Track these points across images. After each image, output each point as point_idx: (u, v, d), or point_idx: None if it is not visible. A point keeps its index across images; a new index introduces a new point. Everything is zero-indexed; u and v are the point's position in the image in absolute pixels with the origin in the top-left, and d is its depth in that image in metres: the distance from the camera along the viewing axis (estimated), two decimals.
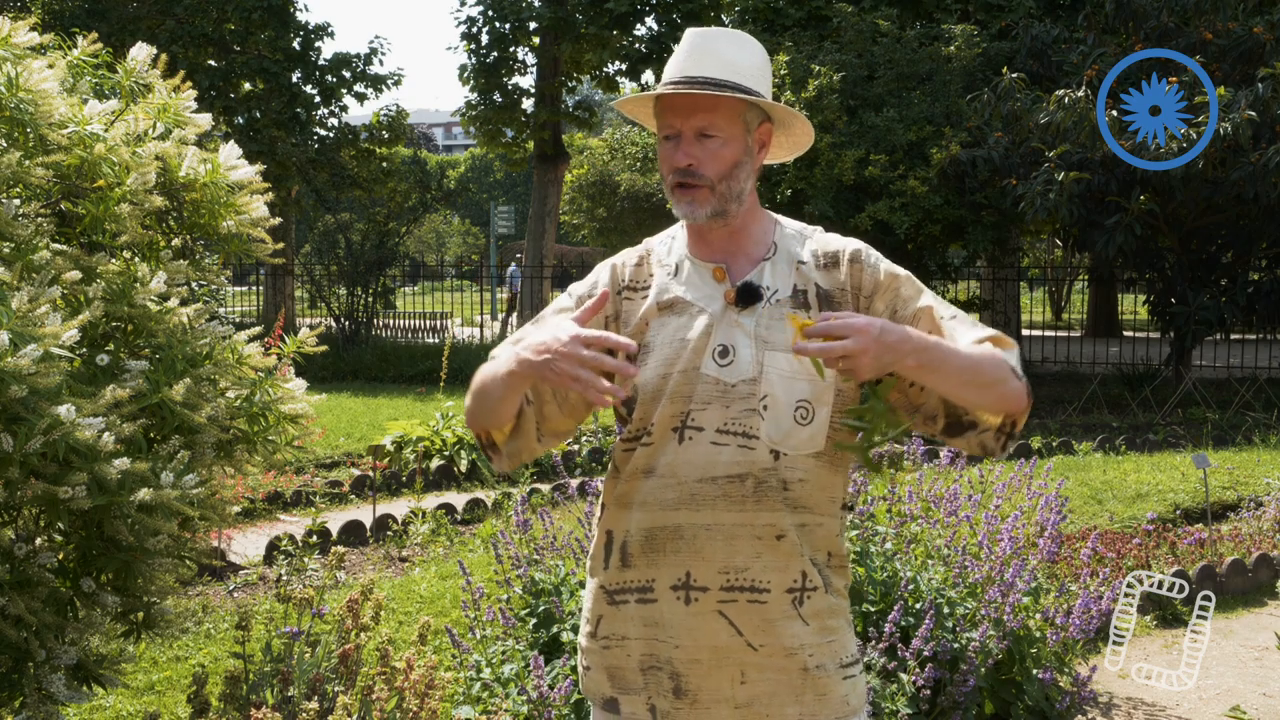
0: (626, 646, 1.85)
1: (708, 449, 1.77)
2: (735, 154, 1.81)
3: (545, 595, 3.81)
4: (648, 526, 1.81)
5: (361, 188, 18.58)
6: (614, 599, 1.86)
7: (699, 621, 1.78)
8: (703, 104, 1.78)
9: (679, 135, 1.80)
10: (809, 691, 1.80)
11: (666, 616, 1.80)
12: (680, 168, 1.79)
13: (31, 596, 2.20)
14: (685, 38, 1.85)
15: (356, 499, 7.75)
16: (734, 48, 1.81)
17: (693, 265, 1.87)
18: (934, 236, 13.56)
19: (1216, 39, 11.76)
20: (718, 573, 1.77)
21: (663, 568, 1.80)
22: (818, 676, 1.81)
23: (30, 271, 2.12)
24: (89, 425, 1.96)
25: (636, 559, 1.83)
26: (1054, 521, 4.23)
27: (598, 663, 1.90)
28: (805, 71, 13.33)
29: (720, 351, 1.79)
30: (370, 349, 15.92)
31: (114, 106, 2.41)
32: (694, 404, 1.78)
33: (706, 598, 1.78)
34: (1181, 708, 4.29)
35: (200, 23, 17.21)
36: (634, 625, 1.84)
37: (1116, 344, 18.07)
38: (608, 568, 1.88)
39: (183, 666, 4.44)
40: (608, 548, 1.88)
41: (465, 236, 45.48)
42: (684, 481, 1.78)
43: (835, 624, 1.84)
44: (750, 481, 1.77)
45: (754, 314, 1.81)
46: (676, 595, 1.79)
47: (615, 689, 1.87)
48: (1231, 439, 9.61)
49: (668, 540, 1.79)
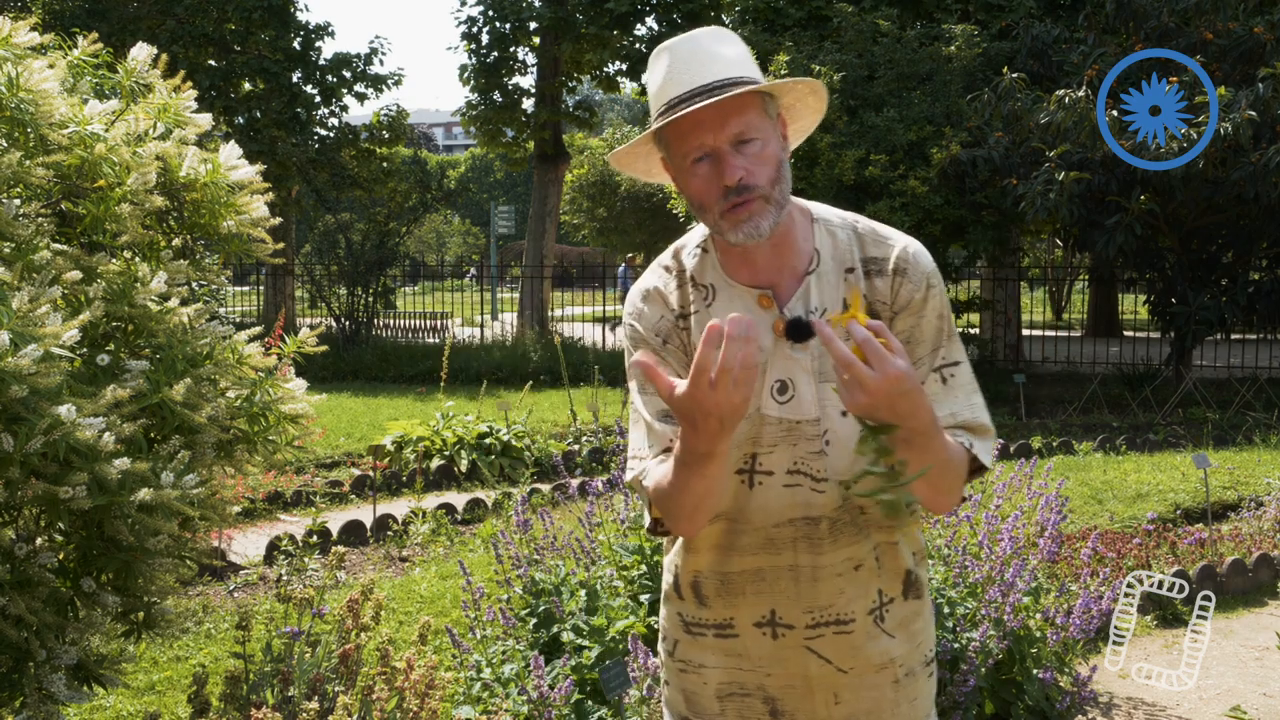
0: (704, 675, 1.79)
1: (780, 493, 1.67)
2: (777, 151, 1.63)
3: (545, 595, 3.81)
4: (723, 571, 1.73)
5: (362, 188, 18.59)
6: (690, 630, 1.80)
7: (788, 654, 1.73)
8: (733, 108, 1.58)
9: (714, 153, 1.59)
10: (903, 701, 1.77)
11: (752, 650, 1.74)
12: (733, 185, 1.58)
13: (32, 596, 2.20)
14: (663, 53, 1.65)
15: (357, 499, 7.75)
16: (722, 44, 1.64)
17: (731, 289, 1.70)
18: (934, 236, 13.56)
19: (1217, 39, 11.77)
20: (803, 612, 1.71)
21: (743, 608, 1.73)
22: (908, 685, 1.77)
23: (31, 271, 2.12)
24: (89, 425, 1.96)
25: (712, 600, 1.75)
26: (1054, 521, 4.23)
27: (675, 683, 1.84)
28: (805, 71, 13.32)
29: (779, 389, 1.67)
30: (370, 349, 15.92)
31: (114, 106, 2.41)
32: (760, 447, 1.67)
33: (793, 635, 1.72)
34: (1182, 708, 4.29)
35: (201, 23, 17.21)
36: (713, 655, 1.78)
37: (1117, 344, 18.06)
38: (683, 599, 1.80)
39: (183, 666, 4.44)
40: (677, 582, 1.80)
41: (465, 236, 45.49)
42: (760, 527, 1.69)
43: (919, 625, 1.79)
44: (825, 523, 1.68)
45: (807, 348, 1.65)
46: (762, 632, 1.73)
47: (691, 711, 1.82)
48: (1232, 439, 9.61)
49: (747, 583, 1.72)
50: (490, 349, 15.84)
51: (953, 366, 1.69)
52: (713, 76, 1.59)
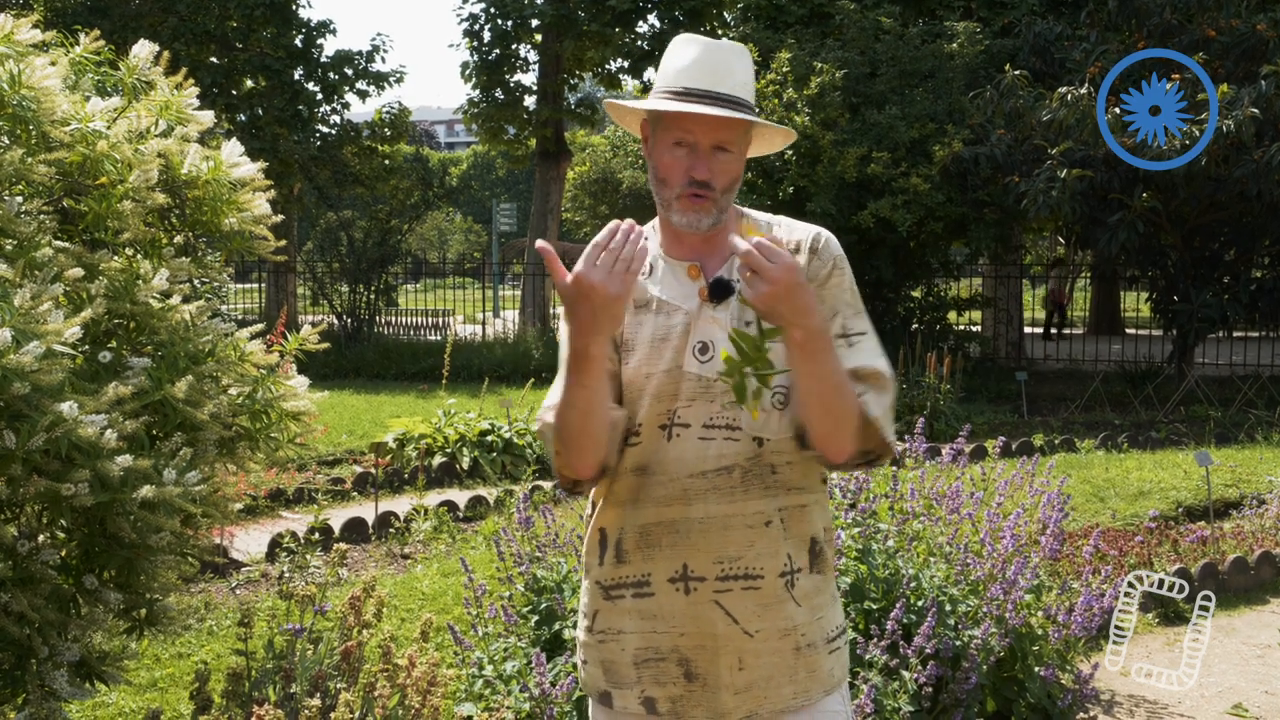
0: (621, 641, 1.88)
1: (695, 444, 1.81)
2: (740, 168, 1.85)
3: (547, 592, 3.81)
4: (642, 523, 1.85)
5: (364, 185, 18.59)
6: (609, 594, 1.89)
7: (698, 610, 1.82)
8: (726, 122, 1.79)
9: (695, 146, 1.80)
10: (801, 669, 1.86)
11: (666, 608, 1.84)
12: (700, 179, 1.79)
13: (34, 593, 2.21)
14: (693, 47, 1.83)
15: (359, 496, 7.75)
16: (742, 63, 1.83)
17: (667, 264, 1.89)
18: (936, 234, 13.56)
19: (1219, 36, 11.75)
20: (713, 562, 1.81)
21: (659, 561, 1.84)
22: (809, 654, 1.87)
23: (33, 269, 2.12)
24: (91, 422, 1.96)
25: (631, 554, 1.86)
26: (1056, 519, 4.23)
27: (594, 657, 1.93)
28: (808, 69, 13.31)
29: (700, 349, 1.82)
30: (372, 346, 15.93)
31: (116, 104, 2.41)
32: (679, 401, 1.82)
33: (703, 587, 1.82)
34: (1183, 705, 4.29)
35: (202, 20, 17.22)
36: (630, 619, 1.87)
37: (1119, 342, 18.05)
38: (602, 564, 1.91)
39: (185, 663, 4.45)
40: (602, 545, 1.91)
41: (467, 234, 45.50)
42: (675, 478, 1.81)
43: (822, 600, 1.89)
44: (738, 472, 1.81)
45: (728, 308, 1.83)
46: (675, 587, 1.83)
47: (609, 683, 1.91)
48: (1234, 436, 9.61)
49: (663, 535, 1.83)
50: (492, 346, 15.85)
51: (858, 336, 1.86)
52: (727, 89, 1.79)
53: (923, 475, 4.52)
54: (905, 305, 14.77)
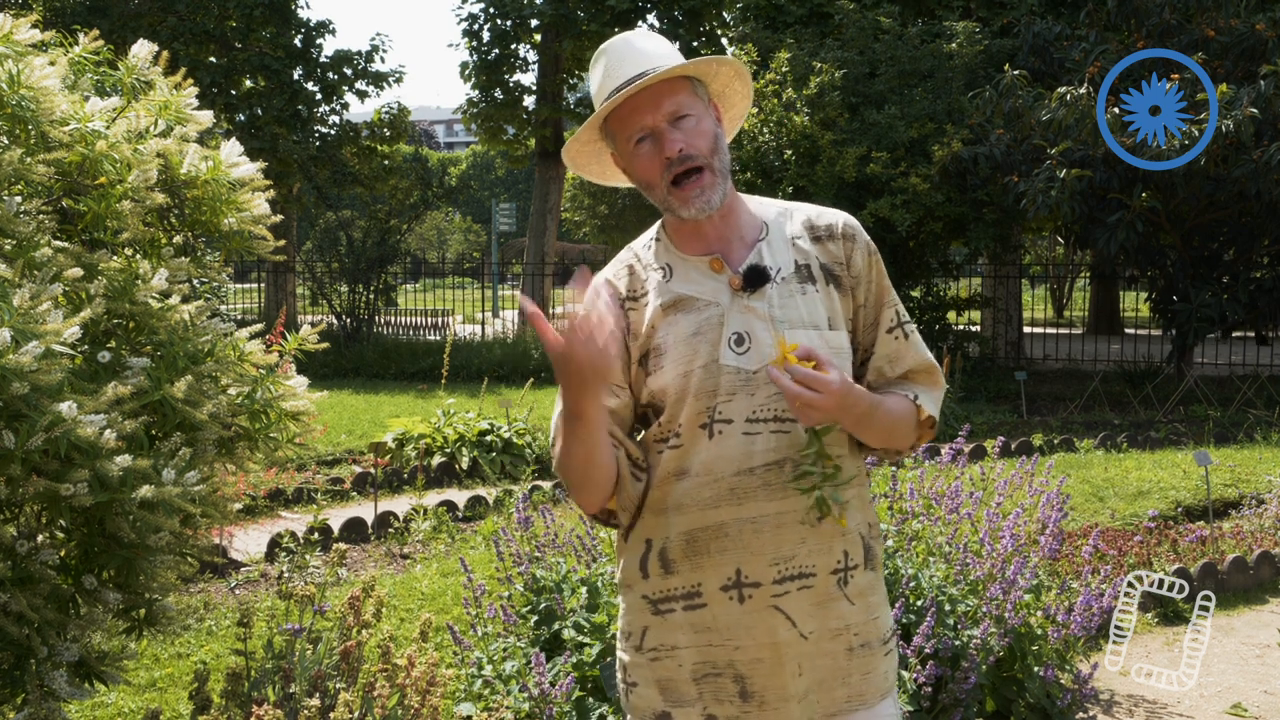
0: (677, 656, 1.78)
1: (740, 440, 1.73)
2: (712, 128, 1.79)
3: (547, 592, 3.81)
4: (688, 529, 1.76)
5: (363, 185, 18.59)
6: (658, 609, 1.80)
7: (755, 619, 1.74)
8: (664, 90, 1.74)
9: (653, 132, 1.75)
10: (855, 672, 1.79)
11: (720, 619, 1.75)
12: (674, 155, 1.74)
13: (33, 593, 2.20)
14: (598, 57, 1.82)
15: (358, 496, 7.75)
16: (649, 42, 1.80)
17: (685, 263, 1.82)
18: (935, 234, 13.56)
19: (1219, 36, 11.75)
20: (769, 565, 1.73)
21: (709, 569, 1.75)
22: (863, 655, 1.80)
23: (32, 269, 2.12)
24: (90, 422, 1.96)
25: (679, 564, 1.77)
26: (1055, 519, 4.23)
27: (646, 677, 1.82)
28: (807, 69, 13.32)
29: (736, 340, 1.75)
30: (372, 346, 15.92)
31: (115, 103, 2.41)
32: (719, 397, 1.74)
33: (760, 594, 1.73)
34: (1183, 705, 4.29)
35: (202, 19, 17.21)
36: (684, 634, 1.78)
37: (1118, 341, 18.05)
38: (648, 577, 1.81)
39: (184, 663, 4.45)
40: (644, 557, 1.81)
41: (467, 234, 45.49)
42: (721, 477, 1.73)
43: (876, 599, 1.83)
44: (789, 465, 1.73)
45: (764, 296, 1.77)
46: (729, 595, 1.74)
47: (668, 702, 1.80)
48: (1233, 436, 9.61)
49: (711, 540, 1.74)
50: (491, 346, 15.84)
51: (907, 324, 1.86)
52: (643, 67, 1.75)
53: (922, 475, 4.52)
54: (905, 305, 14.78)
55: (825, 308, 1.80)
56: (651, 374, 1.79)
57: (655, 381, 1.78)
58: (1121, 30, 13.00)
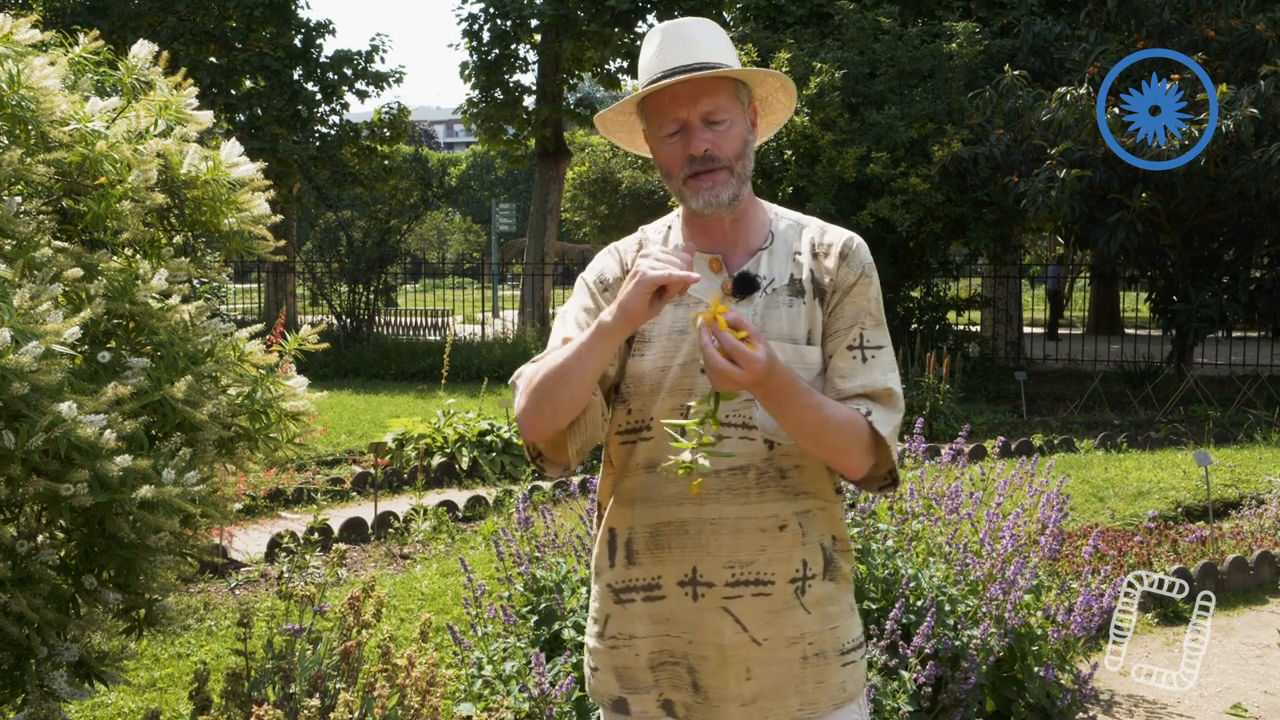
0: (635, 645, 1.84)
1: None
2: (743, 134, 1.80)
3: (547, 592, 3.81)
4: (652, 522, 1.80)
5: (363, 185, 18.59)
6: (620, 598, 1.85)
7: (705, 618, 1.78)
8: (706, 88, 1.75)
9: (686, 125, 1.77)
10: (809, 680, 1.81)
11: (676, 613, 1.80)
12: (698, 155, 1.75)
13: (33, 593, 2.20)
14: (655, 34, 1.82)
15: (358, 496, 7.75)
16: (707, 33, 1.81)
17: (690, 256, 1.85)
18: (935, 234, 13.56)
19: (1219, 36, 11.76)
20: (723, 567, 1.76)
21: (668, 564, 1.79)
22: (817, 664, 1.81)
23: (32, 269, 2.12)
24: (90, 422, 1.96)
25: (642, 555, 1.82)
26: (1055, 519, 4.23)
27: (606, 663, 1.88)
28: (807, 69, 13.32)
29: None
30: (372, 346, 15.93)
31: (115, 104, 2.41)
32: (694, 397, 1.76)
33: (712, 594, 1.77)
34: (1183, 705, 4.29)
35: (202, 20, 17.21)
36: (642, 623, 1.83)
37: (1118, 341, 18.06)
38: (613, 566, 1.86)
39: (184, 663, 4.45)
40: (612, 546, 1.87)
41: (466, 234, 45.49)
42: None
43: (836, 610, 1.84)
44: (752, 473, 1.77)
45: (751, 304, 1.79)
46: (684, 591, 1.79)
47: (624, 689, 1.86)
48: (1233, 436, 9.61)
49: (673, 535, 1.79)
50: (491, 346, 15.85)
51: (875, 350, 1.82)
52: (694, 59, 1.76)
53: (922, 475, 4.52)
54: (904, 305, 14.77)
55: (806, 321, 1.81)
56: (633, 357, 1.82)
57: (635, 366, 1.82)
58: (1121, 30, 13.00)
